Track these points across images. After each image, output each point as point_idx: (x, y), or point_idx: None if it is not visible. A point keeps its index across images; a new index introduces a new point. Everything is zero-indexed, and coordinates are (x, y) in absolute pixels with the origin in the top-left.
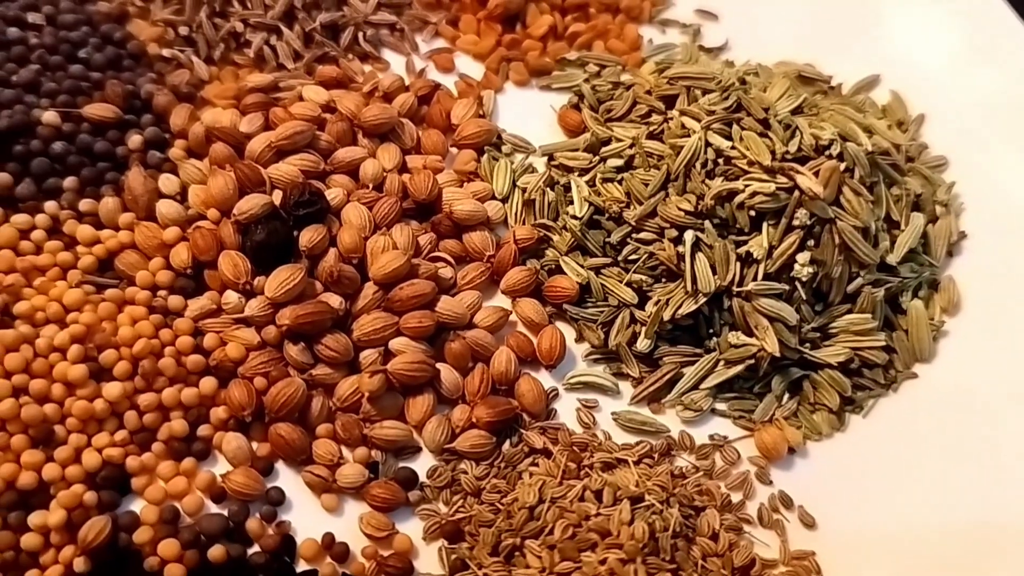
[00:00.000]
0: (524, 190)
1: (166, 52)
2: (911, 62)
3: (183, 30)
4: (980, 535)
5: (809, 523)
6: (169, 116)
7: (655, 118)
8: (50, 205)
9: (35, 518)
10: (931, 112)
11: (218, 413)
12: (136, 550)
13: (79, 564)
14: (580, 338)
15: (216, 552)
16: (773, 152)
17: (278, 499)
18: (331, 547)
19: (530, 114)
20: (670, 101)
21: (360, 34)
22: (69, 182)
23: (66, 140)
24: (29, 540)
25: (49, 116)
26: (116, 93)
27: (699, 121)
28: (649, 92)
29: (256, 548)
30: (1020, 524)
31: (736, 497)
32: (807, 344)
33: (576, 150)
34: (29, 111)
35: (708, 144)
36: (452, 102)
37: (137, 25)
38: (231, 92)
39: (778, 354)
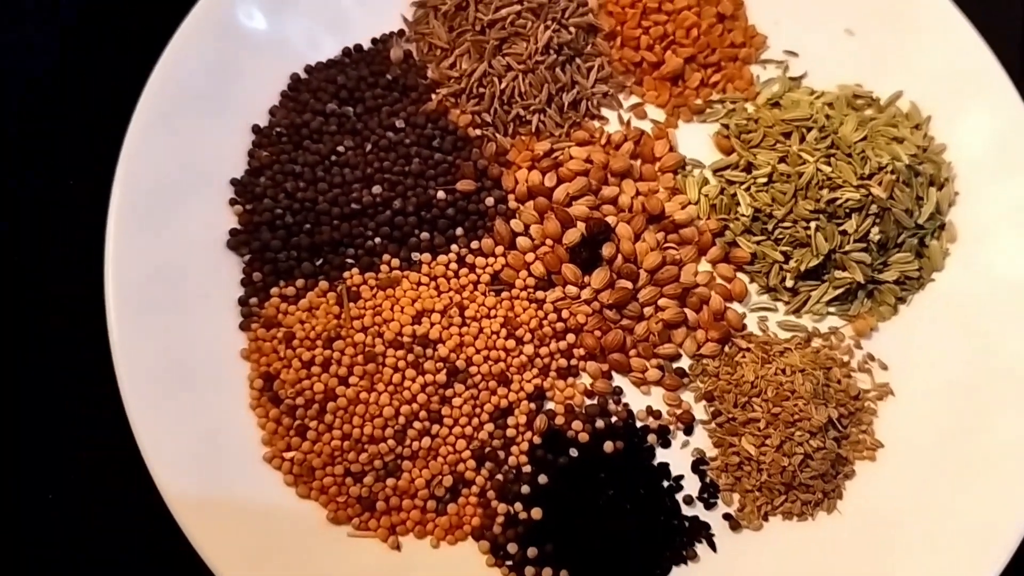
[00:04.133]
0: (707, 196)
1: (478, 132)
2: (921, 77)
3: (487, 116)
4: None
5: (884, 367)
6: (501, 179)
7: (779, 147)
8: (454, 247)
9: (512, 420)
10: (935, 113)
11: (579, 351)
12: (560, 429)
13: (536, 440)
14: (752, 282)
15: (600, 423)
16: (856, 173)
17: (619, 392)
18: (650, 411)
19: (697, 141)
20: (787, 134)
21: (588, 103)
22: (460, 231)
23: (452, 206)
24: (510, 432)
25: (441, 194)
26: (470, 170)
27: (812, 156)
28: (771, 126)
29: (614, 418)
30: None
31: (846, 358)
32: (876, 272)
33: (734, 167)
34: (426, 191)
35: (818, 169)
36: (652, 141)
37: (454, 115)
38: (527, 156)
39: (862, 281)
